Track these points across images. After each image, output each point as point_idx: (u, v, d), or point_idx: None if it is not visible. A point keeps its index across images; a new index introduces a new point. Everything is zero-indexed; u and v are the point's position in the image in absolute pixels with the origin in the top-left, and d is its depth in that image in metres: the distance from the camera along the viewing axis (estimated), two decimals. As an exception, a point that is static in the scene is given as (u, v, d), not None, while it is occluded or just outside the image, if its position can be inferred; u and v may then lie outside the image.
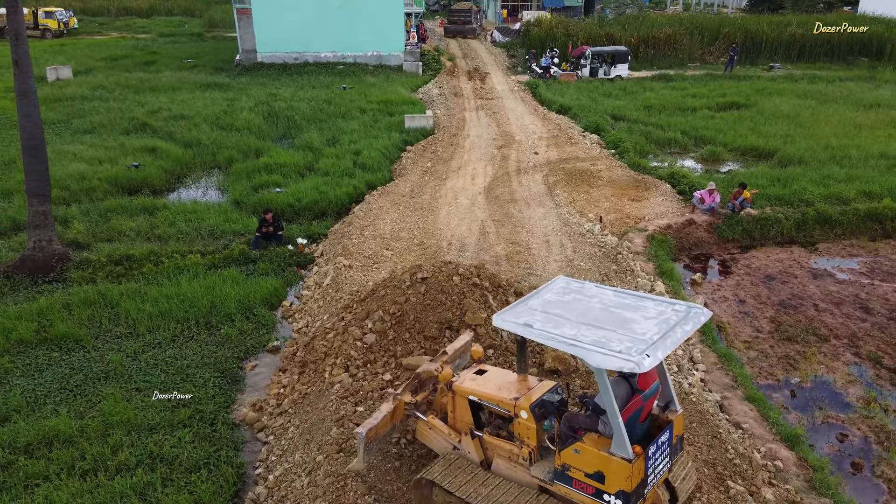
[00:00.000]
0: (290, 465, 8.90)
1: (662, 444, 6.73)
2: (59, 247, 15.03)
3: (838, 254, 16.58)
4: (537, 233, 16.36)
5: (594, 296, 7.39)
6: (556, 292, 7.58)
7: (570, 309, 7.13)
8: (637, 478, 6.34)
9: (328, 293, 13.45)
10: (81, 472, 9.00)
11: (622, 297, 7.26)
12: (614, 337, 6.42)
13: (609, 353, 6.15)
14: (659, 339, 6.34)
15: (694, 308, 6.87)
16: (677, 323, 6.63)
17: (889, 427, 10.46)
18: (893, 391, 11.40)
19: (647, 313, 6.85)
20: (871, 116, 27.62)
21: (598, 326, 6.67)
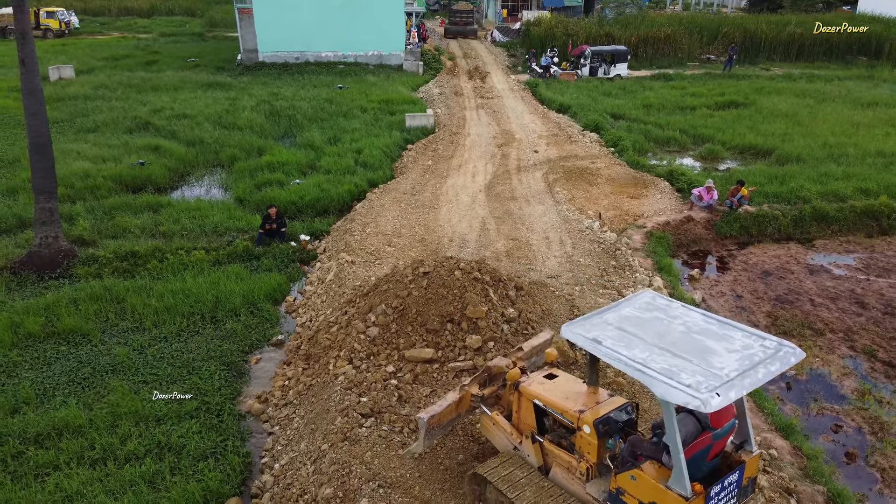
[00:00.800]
0: (296, 454, 9.10)
1: (729, 486, 6.42)
2: (65, 243, 15.22)
3: (835, 250, 16.77)
4: (537, 229, 16.56)
5: (678, 317, 6.99)
6: (638, 307, 7.25)
7: (647, 328, 6.81)
8: None
9: (331, 288, 13.64)
10: (91, 461, 9.21)
11: (709, 323, 6.84)
12: (688, 367, 6.10)
13: (676, 386, 5.86)
14: (736, 376, 5.94)
15: (786, 347, 6.36)
16: (762, 361, 6.15)
17: (883, 418, 10.65)
18: (888, 383, 11.60)
19: (731, 345, 6.42)
20: (868, 115, 27.80)
21: (672, 353, 6.35)
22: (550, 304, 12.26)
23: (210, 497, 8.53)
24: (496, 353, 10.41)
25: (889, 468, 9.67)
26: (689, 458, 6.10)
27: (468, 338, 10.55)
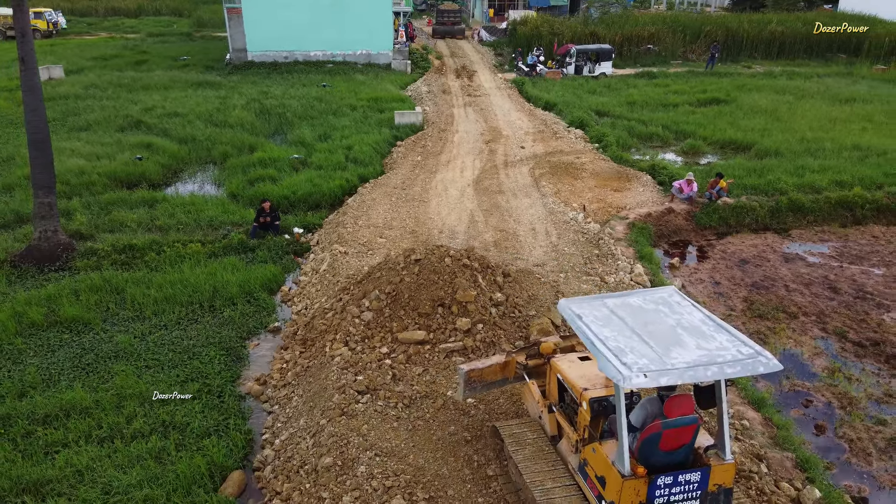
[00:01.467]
0: (295, 430, 9.57)
1: (686, 484, 6.48)
2: (64, 237, 15.58)
3: (810, 239, 17.43)
4: (524, 221, 17.10)
5: (679, 314, 7.12)
6: (648, 299, 7.46)
7: (639, 317, 7.02)
8: (632, 498, 6.35)
9: (325, 278, 14.10)
10: (98, 439, 9.64)
11: (704, 323, 6.95)
12: (641, 351, 6.36)
13: (612, 361, 6.18)
14: (682, 367, 6.12)
15: (762, 356, 6.35)
16: (725, 362, 6.25)
17: (852, 393, 11.26)
18: (857, 362, 12.22)
19: (706, 343, 6.56)
20: (846, 111, 28.59)
21: (641, 338, 6.59)
22: (536, 289, 12.78)
23: (215, 470, 8.99)
24: (485, 334, 10.93)
25: (857, 439, 10.26)
26: (642, 443, 6.38)
27: (458, 320, 11.06)
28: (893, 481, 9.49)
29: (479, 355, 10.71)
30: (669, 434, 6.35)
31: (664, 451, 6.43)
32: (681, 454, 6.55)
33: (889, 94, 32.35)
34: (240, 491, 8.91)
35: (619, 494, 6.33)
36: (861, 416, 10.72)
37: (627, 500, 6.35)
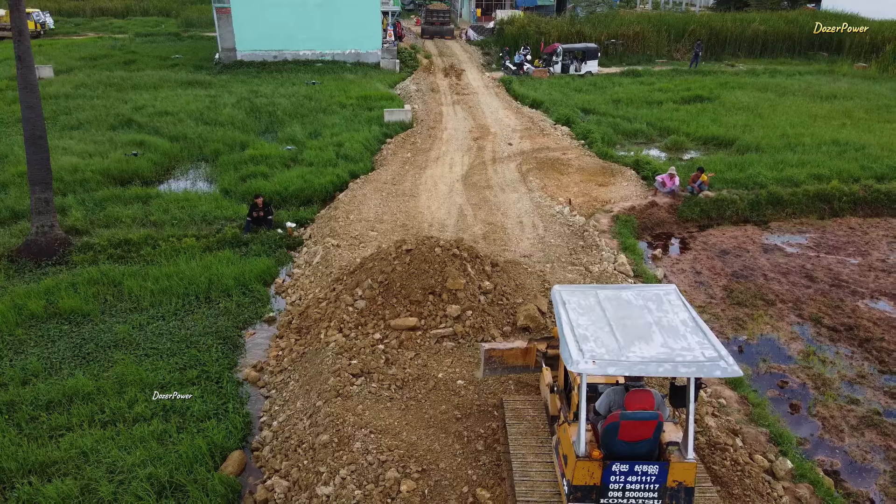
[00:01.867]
0: (292, 412, 9.95)
1: (642, 475, 6.73)
2: (61, 232, 15.87)
3: (788, 231, 17.98)
4: (511, 215, 17.54)
5: (665, 311, 7.40)
6: (642, 295, 7.78)
7: (623, 310, 7.32)
8: (586, 478, 6.69)
9: (318, 270, 14.48)
10: (102, 423, 9.97)
11: (683, 324, 7.19)
12: (604, 341, 6.73)
13: (570, 347, 6.63)
14: (636, 361, 6.47)
15: (722, 361, 6.55)
16: (682, 361, 6.53)
17: (826, 375, 11.77)
18: (831, 346, 12.74)
19: (674, 342, 6.83)
20: (826, 107, 29.24)
21: (611, 330, 6.94)
22: (524, 279, 13.22)
23: (215, 450, 9.35)
24: (474, 320, 11.35)
25: (829, 417, 10.77)
26: (604, 430, 6.72)
27: (448, 307, 11.48)
28: (864, 456, 9.99)
29: (469, 341, 11.14)
30: (627, 425, 6.62)
31: (624, 442, 6.72)
32: (643, 447, 6.79)
33: (869, 90, 33.05)
34: (240, 470, 9.29)
35: (574, 473, 6.70)
36: (834, 395, 11.23)
37: (581, 480, 6.69)
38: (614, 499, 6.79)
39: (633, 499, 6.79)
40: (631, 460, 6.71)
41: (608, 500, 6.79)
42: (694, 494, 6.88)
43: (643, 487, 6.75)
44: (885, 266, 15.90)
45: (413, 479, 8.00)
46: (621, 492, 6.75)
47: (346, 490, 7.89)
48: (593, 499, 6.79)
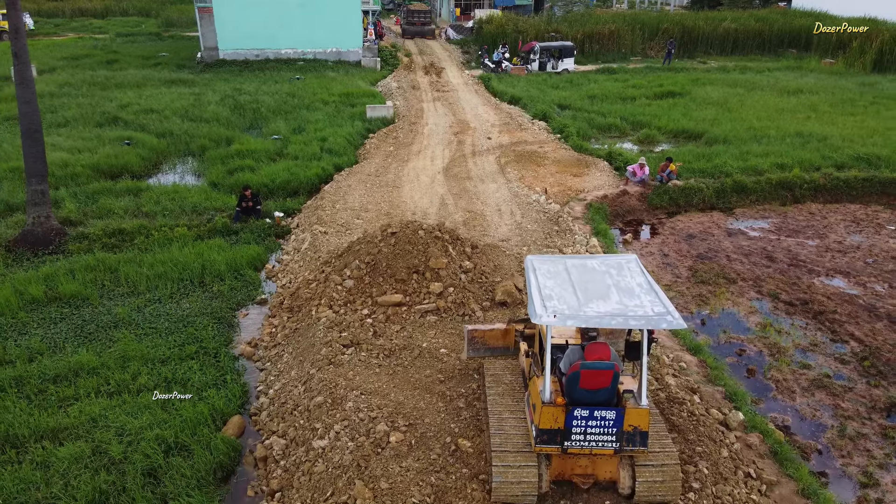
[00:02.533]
0: (287, 381, 10.70)
1: (601, 419, 7.46)
2: (56, 223, 16.44)
3: (752, 216, 19.01)
4: (491, 203, 18.38)
5: (623, 276, 8.17)
6: (605, 263, 8.59)
7: (587, 275, 8.09)
8: (551, 422, 7.47)
9: (307, 255, 15.21)
10: (107, 393, 10.65)
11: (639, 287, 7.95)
12: (566, 299, 7.51)
13: (535, 303, 7.47)
14: (592, 315, 7.26)
15: (669, 315, 7.34)
16: (633, 316, 7.30)
17: (781, 344, 12.72)
18: (787, 318, 13.70)
19: (628, 300, 7.62)
20: (792, 101, 30.43)
21: (574, 290, 7.73)
22: (501, 260, 14.06)
23: (216, 415, 10.07)
24: (455, 296, 12.17)
25: (783, 380, 11.71)
26: (567, 381, 7.54)
27: (431, 285, 12.29)
28: (814, 413, 10.93)
29: (451, 315, 11.96)
30: (587, 374, 7.40)
31: (585, 390, 7.50)
32: (602, 395, 7.57)
33: (835, 85, 34.33)
34: (239, 432, 10.02)
35: (539, 417, 7.50)
36: (788, 361, 12.18)
37: (546, 424, 7.48)
38: (576, 441, 7.56)
39: (593, 441, 7.57)
40: (591, 406, 7.49)
41: (571, 443, 7.57)
42: (648, 438, 7.68)
43: (602, 431, 7.52)
44: (841, 247, 16.94)
45: (401, 431, 8.79)
46: (583, 435, 7.53)
47: (339, 442, 8.67)
48: (558, 441, 7.57)
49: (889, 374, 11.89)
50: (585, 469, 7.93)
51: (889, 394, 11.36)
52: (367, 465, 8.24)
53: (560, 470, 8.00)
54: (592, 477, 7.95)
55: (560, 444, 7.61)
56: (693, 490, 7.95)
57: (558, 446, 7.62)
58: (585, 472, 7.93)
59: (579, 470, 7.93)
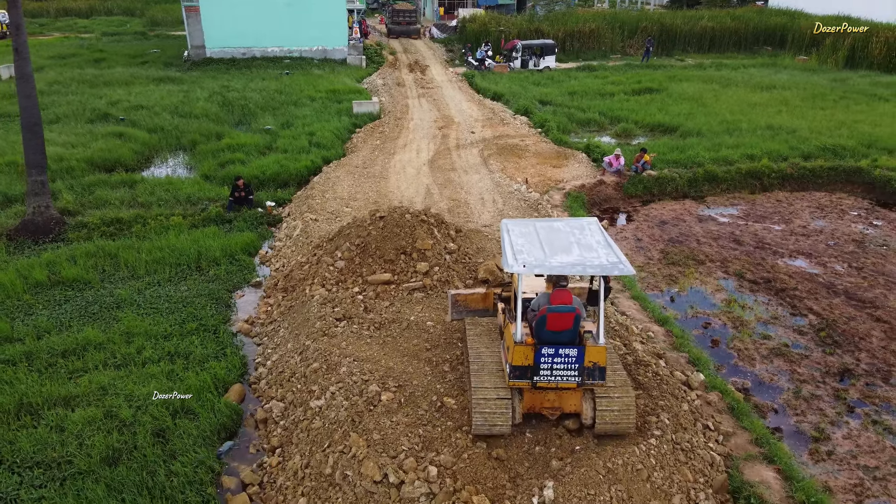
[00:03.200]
0: (284, 352, 11.46)
1: (565, 357, 8.45)
2: (56, 213, 17.07)
3: (722, 204, 19.98)
4: (474, 192, 19.21)
5: (585, 235, 9.18)
6: (569, 224, 9.62)
7: (553, 234, 9.07)
8: (522, 360, 8.45)
9: (299, 241, 15.96)
10: (115, 366, 11.36)
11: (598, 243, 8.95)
12: (534, 253, 8.54)
13: (508, 255, 8.56)
14: (555, 264, 8.32)
15: (620, 264, 8.38)
16: (590, 265, 8.35)
17: (744, 318, 13.65)
18: (751, 295, 14.64)
19: (588, 253, 8.64)
20: (765, 96, 31.53)
21: (542, 246, 8.73)
22: (484, 243, 14.89)
23: (218, 383, 10.81)
24: (441, 275, 12.99)
25: (744, 349, 12.62)
26: (535, 324, 8.47)
27: (418, 264, 13.09)
28: (771, 378, 11.84)
29: (437, 292, 12.76)
30: (553, 317, 8.39)
31: (551, 331, 8.48)
32: (566, 336, 8.54)
33: (807, 81, 35.48)
34: (240, 399, 10.77)
35: (511, 355, 8.53)
36: (750, 333, 13.11)
37: (518, 361, 8.51)
38: (544, 376, 8.57)
39: (559, 376, 8.57)
40: (556, 345, 8.48)
41: (539, 378, 8.57)
42: (606, 372, 8.73)
43: (566, 367, 8.53)
44: (805, 231, 17.93)
45: (391, 391, 9.59)
46: (549, 371, 8.54)
47: (335, 401, 9.45)
48: (528, 377, 8.58)
49: (843, 344, 12.85)
50: (553, 402, 8.93)
51: (843, 360, 12.31)
52: (360, 421, 9.03)
53: (531, 403, 8.98)
54: (559, 409, 8.96)
55: (530, 379, 8.60)
56: (654, 437, 8.80)
57: (529, 381, 8.61)
58: (553, 405, 8.94)
59: (548, 403, 8.94)
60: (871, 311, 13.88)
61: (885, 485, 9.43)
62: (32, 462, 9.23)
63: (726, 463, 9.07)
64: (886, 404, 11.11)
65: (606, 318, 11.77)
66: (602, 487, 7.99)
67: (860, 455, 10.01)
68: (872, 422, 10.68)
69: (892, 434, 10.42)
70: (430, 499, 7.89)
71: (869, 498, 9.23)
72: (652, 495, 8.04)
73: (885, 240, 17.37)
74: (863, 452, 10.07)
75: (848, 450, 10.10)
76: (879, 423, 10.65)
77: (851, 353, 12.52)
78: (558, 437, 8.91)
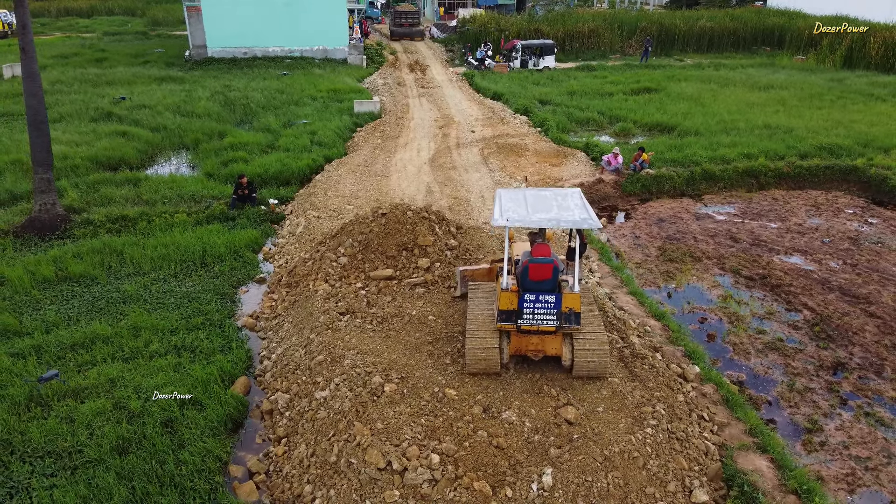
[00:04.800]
0: (289, 346, 11.70)
1: (545, 302, 9.74)
2: (61, 210, 17.30)
3: (719, 202, 20.22)
4: (474, 190, 19.45)
5: (564, 199, 10.72)
6: (554, 192, 11.12)
7: (536, 198, 10.65)
8: (508, 304, 9.70)
9: (302, 237, 16.20)
10: (123, 359, 11.58)
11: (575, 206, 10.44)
12: (519, 212, 9.96)
13: (497, 213, 9.98)
14: (536, 220, 9.82)
15: (591, 220, 9.89)
16: (565, 220, 9.86)
17: (739, 313, 13.89)
18: (747, 291, 14.89)
19: (564, 212, 10.13)
20: (763, 96, 31.78)
21: (526, 207, 10.27)
22: (484, 240, 15.13)
23: (224, 376, 11.04)
24: (442, 270, 13.23)
25: (739, 343, 12.87)
26: (520, 275, 9.79)
27: (419, 260, 13.34)
28: (766, 371, 12.08)
29: (437, 288, 12.99)
30: (534, 268, 9.71)
31: (533, 281, 9.77)
32: (546, 284, 9.82)
33: (804, 81, 35.75)
34: (246, 391, 11.01)
35: (500, 302, 9.80)
36: (745, 328, 13.35)
37: (504, 306, 9.78)
38: (527, 320, 9.84)
39: (539, 320, 9.84)
40: (537, 292, 9.72)
41: (523, 321, 9.85)
42: (581, 317, 9.97)
43: (546, 312, 9.81)
44: (801, 229, 18.18)
45: (394, 383, 9.83)
46: (532, 314, 9.82)
47: (339, 392, 9.69)
48: (513, 319, 9.87)
49: (837, 338, 13.09)
50: (537, 346, 10.16)
51: (836, 354, 12.55)
52: (364, 411, 9.26)
53: (517, 346, 10.20)
54: (542, 352, 10.20)
55: (515, 322, 9.87)
56: (650, 426, 9.04)
57: (513, 323, 9.88)
58: (537, 348, 10.18)
59: (532, 347, 10.18)
60: (865, 306, 14.13)
61: (877, 475, 9.68)
62: (44, 452, 9.45)
63: (720, 452, 9.31)
64: (879, 397, 11.36)
65: (604, 313, 12.08)
66: (599, 474, 8.23)
67: (852, 446, 10.25)
68: (865, 414, 10.92)
69: (883, 426, 10.67)
70: (432, 485, 8.13)
71: (860, 487, 9.48)
72: (647, 482, 8.28)
73: (880, 237, 17.61)
74: (855, 443, 10.31)
75: (840, 441, 10.34)
76: (871, 415, 10.89)
77: (845, 347, 12.76)
78: (557, 427, 9.15)
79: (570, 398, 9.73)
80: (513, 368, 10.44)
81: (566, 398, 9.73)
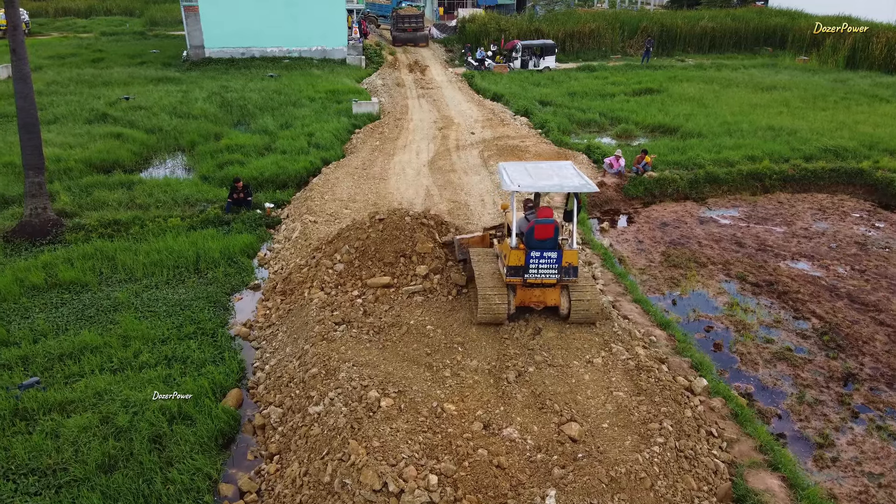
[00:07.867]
0: (283, 357, 11.34)
1: (547, 258, 11.15)
2: (53, 214, 16.94)
3: (723, 205, 19.87)
4: (474, 194, 19.10)
5: (561, 169, 12.15)
6: (551, 165, 12.48)
7: (539, 169, 12.04)
8: (516, 261, 11.10)
9: (298, 243, 15.84)
10: (111, 370, 11.24)
11: (571, 174, 11.86)
12: (525, 179, 11.46)
13: (506, 179, 11.50)
14: (541, 185, 11.33)
15: (588, 185, 11.38)
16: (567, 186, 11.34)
17: (746, 321, 13.53)
18: (753, 298, 14.53)
19: (565, 179, 11.58)
20: (766, 97, 31.44)
21: (530, 175, 11.72)
22: (484, 246, 14.76)
23: (216, 388, 10.69)
24: (441, 278, 12.85)
25: (747, 353, 12.52)
26: (526, 235, 11.17)
27: (417, 267, 12.98)
28: (775, 382, 11.74)
29: (436, 296, 12.64)
30: (538, 228, 11.14)
31: (538, 240, 11.16)
32: (549, 243, 11.23)
33: (807, 81, 35.41)
34: (238, 404, 10.66)
35: (507, 258, 11.22)
36: (752, 336, 13.00)
37: (513, 262, 11.16)
38: (532, 274, 11.26)
39: (543, 273, 11.27)
40: (541, 250, 11.12)
41: (529, 275, 11.27)
42: (578, 271, 11.52)
43: (548, 267, 11.26)
44: (807, 233, 17.82)
45: (391, 397, 9.47)
46: (537, 269, 11.25)
47: (334, 408, 9.33)
48: (520, 274, 11.27)
49: (847, 348, 12.74)
50: (539, 297, 11.60)
51: (846, 365, 12.20)
52: (360, 427, 8.91)
53: (521, 298, 11.65)
54: (543, 303, 11.63)
55: (522, 276, 11.32)
56: (658, 444, 8.69)
57: (521, 277, 11.33)
58: (539, 299, 11.61)
59: (534, 298, 11.61)
60: (875, 314, 13.79)
61: (891, 492, 9.33)
62: (27, 469, 9.11)
63: (730, 470, 8.96)
64: (891, 409, 11.01)
65: (609, 322, 11.76)
66: (605, 496, 7.88)
67: (865, 461, 9.91)
68: (877, 427, 10.58)
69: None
70: (430, 508, 7.79)
71: (874, 505, 9.13)
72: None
73: (888, 242, 17.27)
74: (868, 459, 9.97)
75: (853, 456, 10.00)
76: (884, 428, 10.54)
77: (855, 357, 12.42)
78: (560, 444, 8.80)
79: (573, 413, 9.38)
80: (514, 380, 10.10)
81: (570, 413, 9.38)
